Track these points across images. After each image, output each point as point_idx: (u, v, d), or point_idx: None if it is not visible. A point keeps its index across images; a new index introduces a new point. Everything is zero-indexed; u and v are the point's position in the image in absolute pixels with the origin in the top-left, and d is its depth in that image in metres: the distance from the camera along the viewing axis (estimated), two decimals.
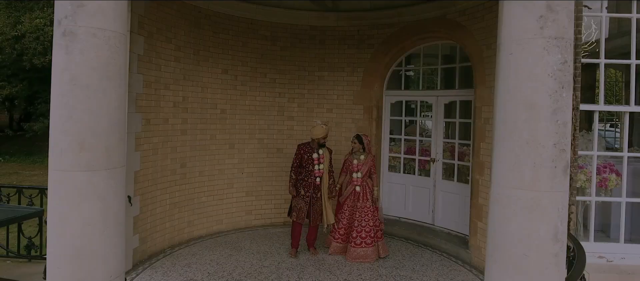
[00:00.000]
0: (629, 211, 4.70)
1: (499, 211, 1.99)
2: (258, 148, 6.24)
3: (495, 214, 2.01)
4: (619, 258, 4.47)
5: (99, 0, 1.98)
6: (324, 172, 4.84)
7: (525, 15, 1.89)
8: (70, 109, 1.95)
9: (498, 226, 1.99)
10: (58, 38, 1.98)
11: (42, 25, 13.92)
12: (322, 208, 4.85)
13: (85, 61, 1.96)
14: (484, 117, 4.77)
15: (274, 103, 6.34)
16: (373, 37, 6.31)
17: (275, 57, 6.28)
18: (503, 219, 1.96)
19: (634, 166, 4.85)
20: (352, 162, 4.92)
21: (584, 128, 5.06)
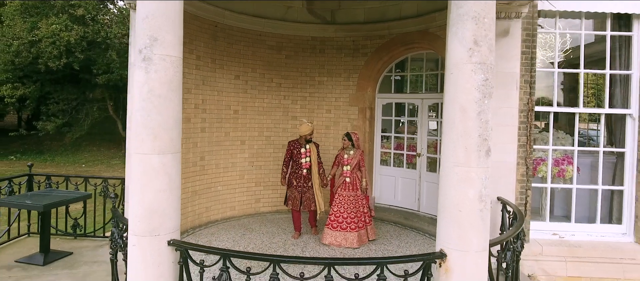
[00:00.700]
0: (582, 197, 5.59)
1: (444, 182, 2.86)
2: (266, 144, 7.11)
3: (443, 184, 2.88)
4: (570, 235, 5.35)
5: (167, 35, 2.84)
6: (312, 164, 5.64)
7: (460, 48, 2.76)
8: (149, 111, 2.81)
9: (444, 192, 2.85)
10: (139, 62, 2.84)
11: (57, 30, 14.74)
12: (314, 196, 5.66)
13: (158, 78, 2.82)
14: None
15: (279, 105, 7.22)
16: (366, 47, 7.18)
17: (280, 65, 7.15)
18: (447, 187, 2.82)
19: (591, 159, 5.71)
20: (343, 156, 5.71)
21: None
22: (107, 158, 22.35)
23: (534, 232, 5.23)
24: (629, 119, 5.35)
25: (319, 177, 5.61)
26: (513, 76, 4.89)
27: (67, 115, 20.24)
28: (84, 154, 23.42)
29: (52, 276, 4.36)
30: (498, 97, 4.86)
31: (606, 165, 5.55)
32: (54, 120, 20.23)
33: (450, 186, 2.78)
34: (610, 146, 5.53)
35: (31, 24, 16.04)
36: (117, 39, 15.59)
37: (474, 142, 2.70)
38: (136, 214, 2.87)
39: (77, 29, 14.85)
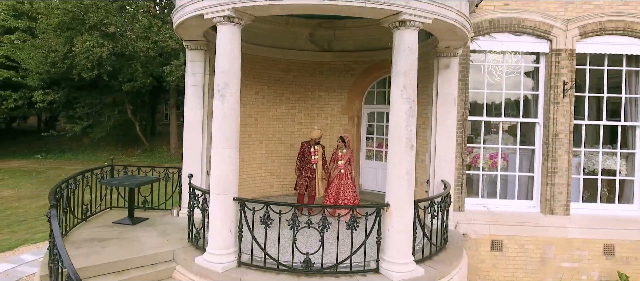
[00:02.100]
0: (506, 180, 7.80)
1: (390, 165, 5.04)
2: (278, 143, 9.34)
3: (389, 166, 5.06)
4: (495, 207, 7.58)
5: (232, 82, 5.05)
6: (319, 161, 7.83)
7: (396, 89, 4.96)
8: (224, 125, 5.01)
9: (389, 170, 5.04)
10: (218, 96, 5.03)
11: (91, 46, 16.93)
12: (316, 184, 7.83)
13: (229, 106, 5.02)
14: (419, 124, 7.87)
15: (288, 113, 9.45)
16: (355, 69, 9.43)
17: (289, 83, 9.38)
18: (391, 167, 5.02)
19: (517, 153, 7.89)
20: (338, 154, 7.86)
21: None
22: (126, 156, 24.55)
23: (468, 205, 7.47)
24: (537, 126, 7.59)
25: (322, 170, 7.80)
26: (452, 97, 7.11)
27: (92, 118, 22.41)
28: (103, 154, 25.60)
29: (142, 230, 6.57)
30: (442, 112, 7.11)
31: (526, 157, 7.78)
32: (80, 122, 22.34)
33: (392, 167, 5.01)
34: (525, 145, 7.75)
35: (65, 39, 18.20)
36: (142, 52, 17.76)
37: (403, 142, 4.92)
38: (216, 182, 5.10)
39: (108, 45, 17.04)
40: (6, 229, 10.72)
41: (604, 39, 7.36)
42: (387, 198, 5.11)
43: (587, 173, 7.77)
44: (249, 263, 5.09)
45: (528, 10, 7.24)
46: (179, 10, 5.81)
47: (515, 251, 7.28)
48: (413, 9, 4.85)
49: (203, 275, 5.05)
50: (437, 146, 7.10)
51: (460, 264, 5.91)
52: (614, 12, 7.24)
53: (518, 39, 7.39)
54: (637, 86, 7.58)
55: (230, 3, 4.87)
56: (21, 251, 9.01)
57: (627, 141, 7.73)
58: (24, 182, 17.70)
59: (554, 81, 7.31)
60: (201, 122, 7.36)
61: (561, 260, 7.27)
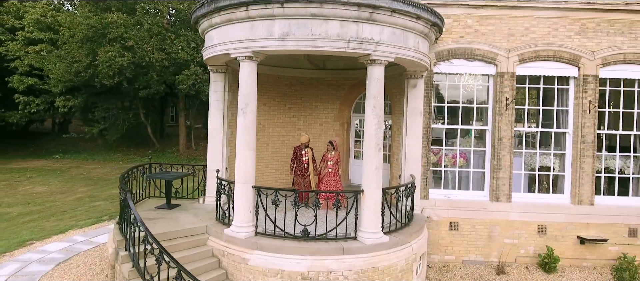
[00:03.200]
0: (464, 175, 9.80)
1: (364, 161, 7.00)
2: (281, 145, 11.33)
3: (364, 162, 7.00)
4: (454, 196, 9.58)
5: (251, 101, 7.03)
6: (309, 161, 9.74)
7: (369, 107, 6.93)
8: (245, 134, 6.96)
9: (364, 166, 7.02)
10: (240, 113, 7.00)
11: (113, 56, 18.91)
12: (309, 181, 9.77)
13: (249, 120, 6.99)
14: (395, 130, 9.87)
15: (290, 121, 11.44)
16: (345, 84, 11.42)
17: (291, 95, 11.37)
18: (365, 164, 6.98)
19: (476, 153, 9.86)
20: (327, 155, 9.77)
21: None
22: (139, 156, 26.54)
23: (433, 194, 9.46)
24: (487, 132, 9.59)
25: (313, 169, 9.76)
26: (419, 109, 9.10)
27: (108, 121, 24.39)
28: (117, 154, 27.61)
29: (178, 213, 8.55)
30: (411, 122, 9.10)
31: (480, 156, 9.77)
32: (97, 125, 24.32)
33: (366, 164, 7.01)
34: (479, 147, 9.75)
35: (87, 50, 20.19)
36: (158, 63, 19.73)
37: (373, 146, 6.92)
38: (239, 175, 7.09)
39: (127, 56, 19.03)
40: (52, 218, 12.72)
41: (538, 64, 9.37)
42: (363, 186, 7.12)
43: (528, 169, 9.78)
44: (263, 233, 7.10)
45: (478, 42, 9.24)
46: (209, 48, 7.81)
47: (468, 231, 9.28)
48: (380, 51, 6.86)
49: (230, 241, 7.06)
50: (407, 148, 9.10)
51: (419, 236, 7.92)
52: (546, 43, 9.25)
53: (471, 64, 9.39)
54: (566, 100, 9.57)
55: (250, 47, 6.88)
56: (71, 234, 11.01)
57: (560, 144, 9.73)
58: (51, 179, 19.69)
59: (498, 97, 9.31)
60: (222, 129, 9.37)
61: (504, 237, 9.28)
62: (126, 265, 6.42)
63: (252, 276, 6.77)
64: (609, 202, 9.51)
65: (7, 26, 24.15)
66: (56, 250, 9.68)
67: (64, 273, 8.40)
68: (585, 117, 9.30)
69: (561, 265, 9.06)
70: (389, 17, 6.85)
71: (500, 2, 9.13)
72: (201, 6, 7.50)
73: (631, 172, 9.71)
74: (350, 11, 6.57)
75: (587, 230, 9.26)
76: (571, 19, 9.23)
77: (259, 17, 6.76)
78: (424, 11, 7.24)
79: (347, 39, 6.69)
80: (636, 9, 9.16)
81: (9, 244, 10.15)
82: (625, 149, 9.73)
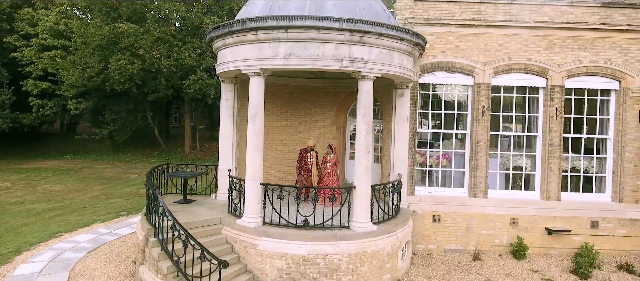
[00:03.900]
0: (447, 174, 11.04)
1: (356, 162, 8.21)
2: (283, 148, 12.56)
3: (356, 163, 8.22)
4: (437, 192, 10.82)
5: (259, 111, 8.25)
6: (314, 163, 10.98)
7: (359, 116, 8.14)
8: (254, 138, 8.20)
9: (356, 166, 8.24)
10: (250, 121, 8.21)
11: (124, 64, 20.14)
12: (312, 180, 10.99)
13: (258, 127, 8.23)
14: (385, 133, 11.11)
15: (291, 125, 12.67)
16: (341, 92, 12.66)
17: (292, 102, 12.60)
18: (357, 164, 8.19)
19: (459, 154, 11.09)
20: (326, 157, 10.98)
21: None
22: (146, 156, 27.80)
23: (418, 191, 10.70)
24: (467, 136, 10.83)
25: (316, 170, 10.97)
26: (406, 116, 10.33)
27: (117, 123, 25.62)
28: (125, 154, 28.86)
29: (195, 206, 9.77)
30: (398, 127, 10.33)
31: (461, 157, 11.00)
32: (107, 127, 25.56)
33: (358, 164, 8.25)
34: (459, 149, 10.99)
35: (99, 57, 21.41)
36: (166, 69, 20.96)
37: (363, 149, 8.16)
38: (249, 173, 8.32)
39: (138, 63, 20.27)
40: (75, 214, 13.96)
41: (511, 76, 10.61)
42: (355, 183, 8.36)
43: (504, 169, 11.02)
44: (270, 223, 8.34)
45: (458, 56, 10.48)
46: (223, 64, 9.05)
47: (449, 223, 10.52)
48: (369, 68, 8.11)
49: (242, 229, 8.29)
50: (396, 150, 10.34)
51: (404, 227, 9.15)
52: (518, 57, 10.49)
53: (452, 76, 10.63)
54: (537, 107, 10.80)
55: (259, 65, 8.12)
56: (95, 227, 12.25)
57: (531, 146, 10.97)
58: (66, 179, 20.93)
59: (476, 105, 10.56)
60: (232, 133, 10.60)
61: (481, 229, 10.52)
62: (156, 248, 7.65)
63: (260, 259, 8.01)
64: (574, 197, 10.76)
65: (21, 33, 25.36)
66: (85, 240, 10.92)
67: (95, 259, 9.63)
68: (553, 123, 10.54)
69: (530, 253, 10.30)
70: (376, 40, 8.09)
71: (477, 21, 10.37)
72: (216, 29, 8.74)
73: (594, 171, 10.96)
74: (344, 36, 7.81)
75: (554, 223, 10.50)
76: (540, 36, 10.47)
77: (266, 40, 8.00)
78: (406, 34, 8.48)
79: (341, 59, 7.94)
80: (597, 28, 10.40)
81: (42, 235, 11.39)
82: (591, 151, 10.97)
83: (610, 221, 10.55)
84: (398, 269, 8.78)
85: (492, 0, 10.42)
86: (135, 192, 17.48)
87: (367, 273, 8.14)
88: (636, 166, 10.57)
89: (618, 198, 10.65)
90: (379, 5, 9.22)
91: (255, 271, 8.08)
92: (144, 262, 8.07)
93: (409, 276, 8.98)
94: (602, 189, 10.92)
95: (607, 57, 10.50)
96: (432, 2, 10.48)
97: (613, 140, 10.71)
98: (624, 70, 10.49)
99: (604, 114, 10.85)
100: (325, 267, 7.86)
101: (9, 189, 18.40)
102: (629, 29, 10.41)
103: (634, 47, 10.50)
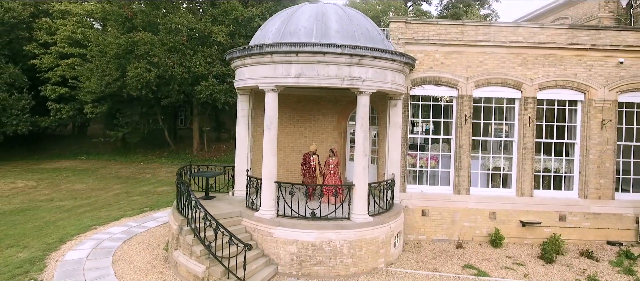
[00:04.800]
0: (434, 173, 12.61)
1: (355, 163, 9.76)
2: (291, 151, 14.12)
3: (355, 164, 9.76)
4: (426, 190, 12.40)
5: (274, 121, 9.79)
6: (316, 165, 12.52)
7: (358, 125, 9.68)
8: (269, 144, 9.74)
9: (355, 166, 9.80)
10: (266, 129, 9.75)
11: (141, 72, 21.69)
12: (316, 181, 12.54)
13: (272, 134, 9.76)
14: (381, 138, 12.68)
15: (297, 131, 14.24)
16: (342, 100, 14.22)
17: (298, 110, 14.17)
18: (356, 165, 9.74)
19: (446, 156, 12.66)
20: (329, 160, 12.49)
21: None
22: (156, 157, 29.37)
23: (409, 189, 12.28)
24: (452, 141, 12.41)
25: (319, 171, 12.53)
26: (398, 123, 11.89)
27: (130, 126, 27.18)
28: (137, 155, 30.39)
29: (216, 202, 11.32)
30: (392, 132, 11.89)
31: (447, 159, 12.56)
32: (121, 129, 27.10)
33: (356, 165, 9.82)
34: (446, 152, 12.56)
35: (116, 65, 22.98)
36: (179, 76, 22.52)
37: (361, 152, 9.73)
38: (265, 173, 9.90)
39: (154, 71, 21.83)
40: (102, 210, 15.53)
41: (490, 88, 12.18)
42: (354, 181, 9.93)
43: (485, 169, 12.60)
44: (283, 215, 9.91)
45: (444, 72, 12.06)
46: (242, 80, 10.62)
47: (436, 216, 12.10)
48: (366, 85, 9.68)
49: (259, 220, 9.86)
50: (390, 153, 11.90)
51: (396, 219, 10.72)
52: (496, 72, 12.06)
53: (439, 88, 12.21)
54: (513, 116, 12.38)
55: (274, 82, 9.69)
56: (124, 221, 13.81)
57: (509, 149, 12.55)
58: (85, 178, 22.49)
59: (459, 114, 12.13)
60: (247, 138, 12.17)
61: (464, 221, 12.09)
62: (189, 236, 9.22)
63: (275, 245, 9.59)
64: (545, 194, 12.34)
65: (40, 41, 26.91)
66: (118, 232, 12.49)
67: (131, 247, 11.20)
68: (526, 129, 12.13)
69: (506, 242, 11.88)
70: (372, 62, 9.66)
71: (461, 41, 11.94)
72: (237, 51, 10.32)
73: (563, 171, 12.54)
74: (345, 59, 9.39)
75: (527, 216, 12.09)
76: (515, 54, 12.05)
77: (280, 62, 9.57)
78: (397, 56, 10.07)
79: (342, 77, 9.51)
80: (564, 47, 11.98)
81: (78, 228, 12.95)
82: (560, 154, 12.55)
83: (577, 215, 12.13)
84: (391, 254, 10.35)
85: (473, 23, 12.01)
86: (152, 191, 19.05)
87: (365, 257, 9.72)
88: (599, 167, 12.15)
89: (583, 195, 12.23)
90: (374, 30, 10.79)
91: (271, 255, 9.65)
92: (178, 247, 9.63)
93: (401, 260, 10.56)
94: (570, 187, 12.51)
95: (573, 72, 12.08)
96: (421, 25, 12.07)
97: (579, 144, 12.30)
98: (588, 83, 12.07)
99: (572, 122, 12.43)
100: (330, 251, 9.43)
101: (36, 188, 19.96)
102: (593, 48, 11.99)
103: (596, 63, 12.08)
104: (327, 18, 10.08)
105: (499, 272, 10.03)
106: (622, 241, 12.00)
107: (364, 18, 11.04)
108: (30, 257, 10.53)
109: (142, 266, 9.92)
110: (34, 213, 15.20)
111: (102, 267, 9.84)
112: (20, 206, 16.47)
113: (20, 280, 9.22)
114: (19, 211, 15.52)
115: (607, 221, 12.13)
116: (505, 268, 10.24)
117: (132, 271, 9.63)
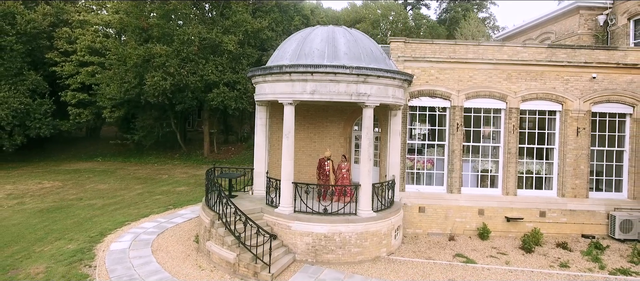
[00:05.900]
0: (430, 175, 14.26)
1: (361, 166, 11.38)
2: (302, 154, 15.75)
3: (361, 166, 11.39)
4: (423, 189, 14.05)
5: (291, 131, 11.42)
6: (330, 169, 14.13)
7: (364, 133, 11.32)
8: (288, 150, 11.37)
9: (361, 169, 11.42)
10: (284, 138, 11.34)
11: (158, 81, 23.33)
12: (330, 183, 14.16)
13: (290, 141, 11.33)
14: (382, 144, 14.32)
15: (307, 136, 15.88)
16: (348, 109, 15.86)
17: (309, 117, 15.80)
18: (361, 167, 11.35)
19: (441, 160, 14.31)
20: (341, 165, 14.05)
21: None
22: (169, 159, 30.99)
23: (408, 188, 13.93)
24: (445, 146, 14.05)
25: (333, 175, 14.14)
26: (398, 131, 13.54)
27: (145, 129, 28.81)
28: (150, 157, 32.00)
29: (239, 200, 12.93)
30: (393, 139, 13.54)
31: (442, 162, 14.20)
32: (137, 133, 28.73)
33: (361, 168, 11.47)
34: (440, 156, 14.20)
35: (135, 73, 24.61)
36: (193, 84, 24.16)
37: (366, 157, 11.37)
38: (284, 174, 11.54)
39: (170, 79, 23.48)
40: (131, 208, 17.16)
41: (479, 100, 13.83)
42: (360, 182, 11.58)
43: (475, 171, 14.24)
44: (299, 211, 11.55)
45: (438, 86, 13.71)
46: (262, 94, 12.27)
47: (431, 213, 13.75)
48: (370, 100, 11.33)
49: (279, 216, 11.51)
50: (390, 157, 13.55)
51: (397, 214, 12.36)
52: (484, 86, 13.71)
53: (434, 100, 13.86)
54: (499, 124, 14.02)
55: (291, 97, 11.33)
56: (153, 218, 15.44)
57: (496, 154, 14.20)
58: (107, 179, 24.11)
59: (452, 122, 13.78)
60: (264, 144, 13.81)
61: (456, 217, 13.74)
62: (221, 228, 10.87)
63: (293, 236, 11.24)
64: (528, 193, 14.00)
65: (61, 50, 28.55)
66: (151, 227, 14.13)
67: (165, 240, 12.84)
68: (511, 136, 13.78)
69: (492, 235, 13.53)
70: (376, 80, 11.31)
71: (453, 59, 13.59)
72: (258, 69, 11.97)
73: (544, 173, 14.20)
74: (353, 78, 11.04)
75: (512, 213, 13.74)
76: (501, 70, 13.70)
77: (297, 80, 11.22)
78: (397, 74, 11.72)
79: (350, 93, 11.16)
80: (544, 64, 13.63)
81: (114, 224, 14.59)
82: (541, 157, 14.20)
83: (555, 211, 13.79)
84: (392, 245, 12.00)
85: (463, 43, 13.67)
86: (172, 190, 20.69)
87: (370, 247, 11.36)
88: (575, 169, 13.81)
89: (561, 194, 13.89)
90: (377, 50, 12.44)
91: (289, 245, 11.30)
92: (210, 239, 11.27)
93: (400, 250, 12.20)
94: (549, 187, 14.16)
95: (552, 86, 13.74)
96: (419, 44, 13.73)
97: (558, 149, 13.95)
98: (565, 96, 13.73)
99: (551, 129, 14.09)
100: (340, 242, 11.08)
101: (63, 188, 21.59)
102: (569, 65, 13.64)
103: (573, 78, 13.74)
104: (337, 41, 11.73)
105: (485, 260, 11.67)
106: (595, 235, 13.66)
107: (368, 40, 12.69)
108: (79, 248, 12.16)
109: (178, 255, 11.56)
110: (69, 211, 16.82)
111: (144, 256, 11.48)
112: (54, 204, 18.08)
113: (77, 266, 10.85)
114: (54, 209, 17.14)
115: (582, 217, 13.78)
116: (490, 257, 11.88)
117: (171, 259, 11.26)
